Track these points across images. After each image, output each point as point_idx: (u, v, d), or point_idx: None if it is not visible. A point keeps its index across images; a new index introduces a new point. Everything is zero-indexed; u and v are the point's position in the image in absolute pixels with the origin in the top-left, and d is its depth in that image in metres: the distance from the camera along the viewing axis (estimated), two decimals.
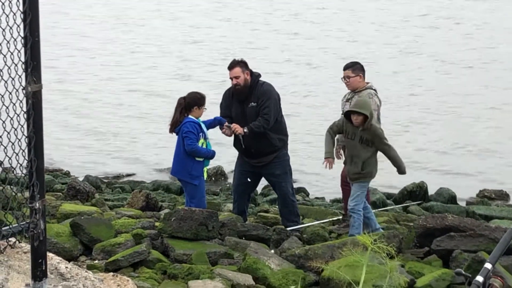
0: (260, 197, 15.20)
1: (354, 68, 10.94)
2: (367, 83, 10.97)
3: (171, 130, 10.82)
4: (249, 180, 11.26)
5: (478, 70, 25.50)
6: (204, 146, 10.68)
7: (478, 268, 4.83)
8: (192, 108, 10.64)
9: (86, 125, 20.33)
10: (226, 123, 10.81)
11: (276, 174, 11.11)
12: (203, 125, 10.66)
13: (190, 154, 10.56)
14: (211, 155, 10.73)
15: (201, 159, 10.65)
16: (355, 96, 10.85)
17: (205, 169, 10.84)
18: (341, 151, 11.21)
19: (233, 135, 10.94)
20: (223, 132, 10.94)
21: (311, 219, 12.22)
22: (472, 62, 26.33)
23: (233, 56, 12.12)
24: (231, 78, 10.86)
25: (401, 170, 10.52)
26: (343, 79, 11.08)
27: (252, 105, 10.81)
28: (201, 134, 10.62)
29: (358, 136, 10.30)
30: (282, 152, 11.07)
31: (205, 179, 10.95)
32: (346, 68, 11.03)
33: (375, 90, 10.93)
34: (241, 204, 11.38)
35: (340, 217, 12.12)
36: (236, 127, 10.74)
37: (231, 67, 10.86)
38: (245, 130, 10.70)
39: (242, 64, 10.86)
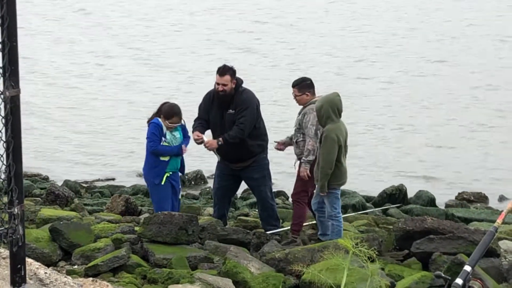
0: (240, 200, 15.19)
1: (300, 86, 10.80)
2: (319, 96, 10.82)
3: None
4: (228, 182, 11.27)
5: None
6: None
7: (457, 271, 4.84)
8: (160, 116, 10.75)
9: (65, 130, 20.26)
10: (202, 136, 10.79)
11: (254, 178, 11.11)
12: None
13: (154, 155, 10.71)
14: (175, 151, 10.79)
15: (166, 159, 10.71)
16: (304, 111, 10.77)
17: (166, 174, 10.85)
18: None
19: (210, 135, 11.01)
20: (196, 139, 10.90)
21: (291, 222, 12.21)
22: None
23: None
24: (217, 84, 10.83)
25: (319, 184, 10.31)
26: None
27: (230, 112, 10.81)
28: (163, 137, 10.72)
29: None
30: (260, 156, 11.07)
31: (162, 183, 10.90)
32: (293, 85, 10.92)
33: None
34: (221, 208, 11.37)
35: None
36: (209, 144, 10.78)
37: (222, 73, 10.76)
38: (219, 142, 10.72)
39: (232, 72, 10.81)
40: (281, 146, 11.26)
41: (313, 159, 10.60)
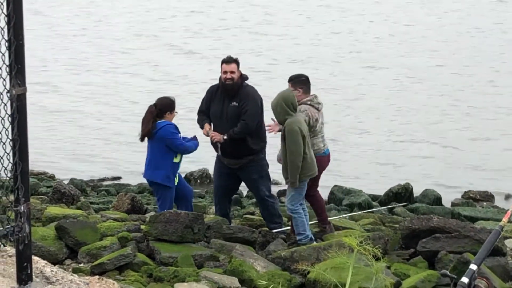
0: (245, 199, 15.20)
1: (294, 82, 10.80)
2: (312, 95, 10.82)
3: (143, 139, 10.86)
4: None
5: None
6: None
7: (463, 269, 4.84)
8: (164, 114, 10.69)
9: (71, 128, 20.28)
10: (208, 128, 10.84)
11: (252, 178, 11.10)
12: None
13: (182, 153, 10.73)
14: (197, 145, 10.93)
15: (178, 160, 10.71)
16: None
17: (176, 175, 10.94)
18: None
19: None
20: (205, 132, 10.94)
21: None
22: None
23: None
24: (225, 72, 10.81)
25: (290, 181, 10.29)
26: None
27: (234, 105, 10.81)
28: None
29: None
30: (259, 156, 11.04)
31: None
32: (288, 80, 10.91)
33: (310, 104, 10.66)
34: (222, 207, 11.36)
35: None
36: (214, 135, 10.77)
37: (228, 61, 10.83)
38: (225, 137, 10.71)
39: (237, 62, 10.89)
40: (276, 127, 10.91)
41: None
